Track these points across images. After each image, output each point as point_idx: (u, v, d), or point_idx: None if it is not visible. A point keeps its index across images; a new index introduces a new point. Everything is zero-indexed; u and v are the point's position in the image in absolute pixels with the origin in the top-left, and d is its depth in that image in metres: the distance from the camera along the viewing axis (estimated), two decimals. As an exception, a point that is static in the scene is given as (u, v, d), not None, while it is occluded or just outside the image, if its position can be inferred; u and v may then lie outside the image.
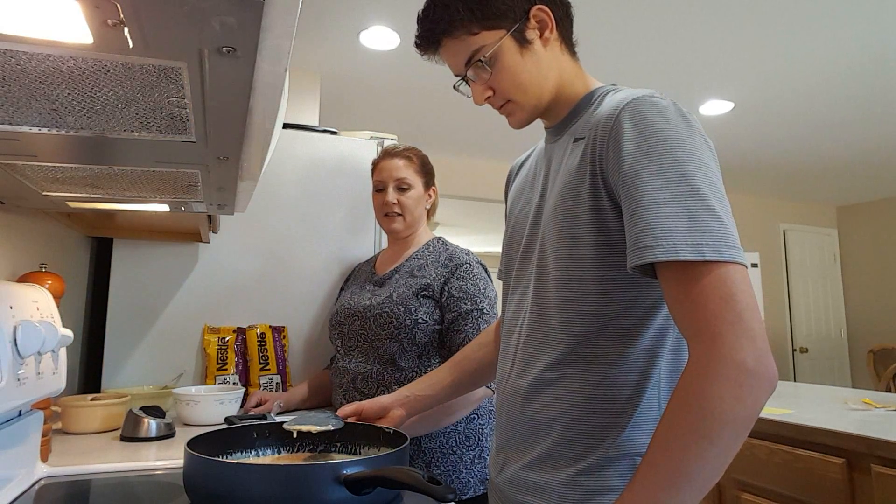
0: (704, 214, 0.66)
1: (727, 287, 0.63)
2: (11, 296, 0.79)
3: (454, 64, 0.88)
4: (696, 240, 0.65)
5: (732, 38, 2.76)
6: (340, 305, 1.56)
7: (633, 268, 0.69)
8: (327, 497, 0.69)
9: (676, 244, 0.65)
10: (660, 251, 0.65)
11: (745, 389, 0.61)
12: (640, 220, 0.68)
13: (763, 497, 1.76)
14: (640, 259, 0.67)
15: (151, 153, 0.73)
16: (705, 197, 0.67)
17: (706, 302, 0.63)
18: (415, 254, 1.52)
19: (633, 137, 0.72)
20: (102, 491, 0.88)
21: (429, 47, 0.90)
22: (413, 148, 1.58)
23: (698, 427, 0.62)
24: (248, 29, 0.42)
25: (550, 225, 0.83)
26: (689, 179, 0.68)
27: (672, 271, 0.66)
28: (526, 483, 0.81)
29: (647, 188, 0.68)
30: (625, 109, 0.74)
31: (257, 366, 1.70)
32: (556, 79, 0.88)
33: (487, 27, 0.84)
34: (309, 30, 2.71)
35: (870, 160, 4.73)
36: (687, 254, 0.64)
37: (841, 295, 6.27)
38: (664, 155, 0.69)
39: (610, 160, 0.74)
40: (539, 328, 0.83)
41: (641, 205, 0.68)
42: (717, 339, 0.62)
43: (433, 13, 0.87)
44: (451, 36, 0.86)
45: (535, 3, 0.85)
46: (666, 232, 0.66)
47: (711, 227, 0.65)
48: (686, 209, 0.66)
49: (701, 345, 0.64)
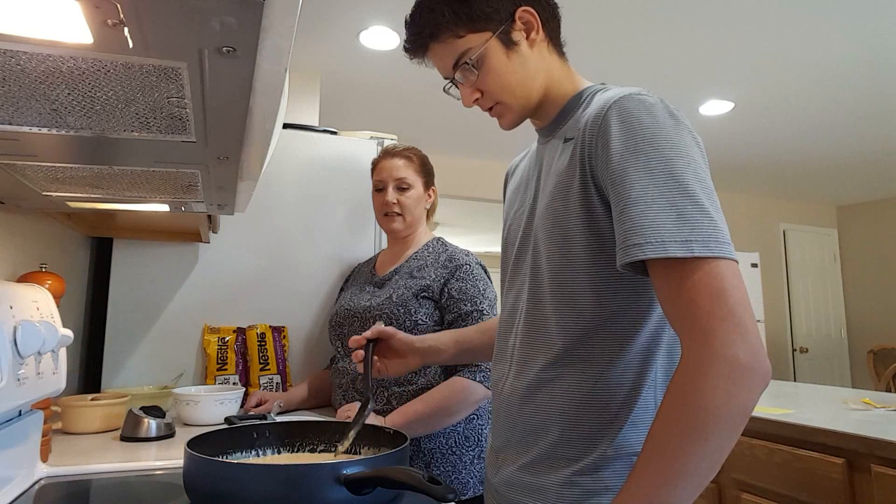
0: (693, 210, 0.66)
1: (718, 283, 0.63)
2: (11, 296, 0.79)
3: (442, 67, 0.89)
4: (685, 236, 0.65)
5: (732, 38, 2.76)
6: (340, 306, 1.56)
7: (623, 266, 0.69)
8: (327, 497, 0.69)
9: (665, 241, 0.65)
10: (648, 248, 0.65)
11: (739, 385, 0.61)
12: (628, 217, 0.68)
13: (763, 497, 1.76)
14: (630, 257, 0.67)
15: (151, 153, 0.73)
16: (694, 193, 0.67)
17: (697, 298, 0.63)
18: (414, 254, 1.52)
19: (620, 135, 0.72)
20: (102, 491, 0.88)
21: (417, 51, 0.90)
22: (413, 148, 1.57)
23: (693, 424, 0.62)
24: (248, 29, 0.42)
25: (542, 225, 0.83)
26: (677, 176, 0.68)
27: (662, 268, 0.66)
28: (523, 484, 0.80)
29: (635, 185, 0.68)
30: (612, 107, 0.74)
31: (257, 366, 1.70)
32: (544, 79, 0.88)
33: (473, 30, 0.84)
34: (309, 30, 2.71)
35: (870, 160, 4.73)
36: (676, 250, 0.64)
37: (841, 295, 6.27)
38: (651, 152, 0.69)
39: (599, 158, 0.74)
40: (534, 329, 0.83)
41: (630, 202, 0.68)
42: (709, 336, 0.62)
43: (419, 18, 0.87)
44: (437, 40, 0.86)
45: (521, 5, 0.85)
46: (654, 229, 0.66)
47: (700, 223, 0.65)
48: (674, 206, 0.66)
49: (693, 342, 0.63)
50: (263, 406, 1.52)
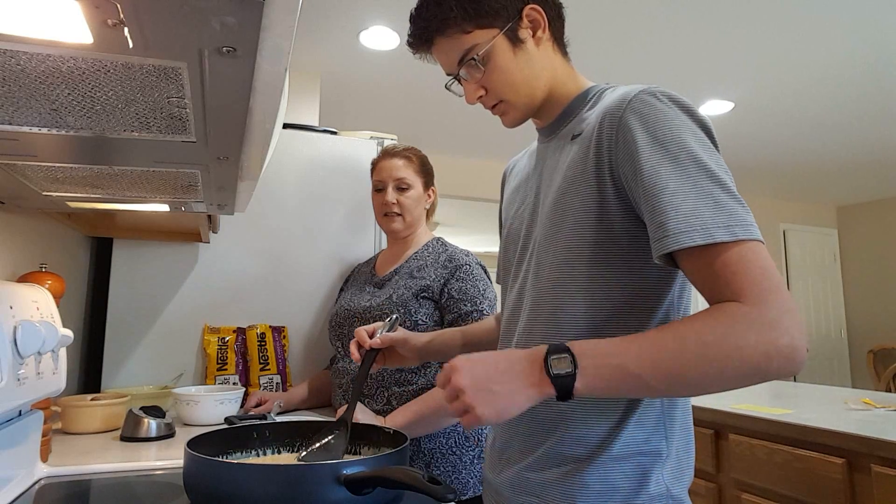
0: (725, 197, 0.67)
1: (763, 260, 0.65)
2: (11, 296, 0.79)
3: (446, 63, 0.89)
4: (725, 221, 0.66)
5: (732, 38, 2.76)
6: (340, 307, 1.56)
7: (662, 256, 0.69)
8: (327, 497, 0.69)
9: (709, 227, 0.65)
10: (696, 235, 0.66)
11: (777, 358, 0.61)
12: (667, 207, 0.68)
13: (763, 497, 1.76)
14: (676, 244, 0.66)
15: (151, 153, 0.73)
16: (723, 181, 0.68)
17: (746, 271, 0.64)
18: (414, 255, 1.52)
19: (644, 129, 0.72)
20: (102, 491, 0.88)
21: (421, 46, 0.90)
22: (413, 148, 1.57)
23: (721, 358, 0.61)
24: (248, 29, 0.42)
25: (548, 223, 0.82)
26: (704, 166, 0.69)
27: (703, 254, 0.66)
28: (528, 484, 0.80)
29: (669, 178, 0.69)
30: (633, 101, 0.74)
31: (257, 365, 1.70)
32: (549, 78, 0.88)
33: (480, 26, 0.84)
34: (309, 30, 2.71)
35: (870, 160, 4.73)
36: (721, 235, 0.65)
37: (841, 295, 6.27)
38: (678, 143, 0.70)
39: (620, 153, 0.74)
40: (539, 328, 0.83)
41: (667, 194, 0.68)
42: (761, 303, 0.62)
43: (426, 11, 0.87)
44: (443, 34, 0.86)
45: (528, 3, 0.85)
46: (696, 217, 0.66)
47: (735, 209, 0.67)
48: (709, 194, 0.67)
49: (745, 302, 0.63)
50: (263, 406, 1.51)
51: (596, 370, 0.63)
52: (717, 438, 1.94)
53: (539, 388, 0.64)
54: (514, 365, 0.66)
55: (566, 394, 0.64)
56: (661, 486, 0.75)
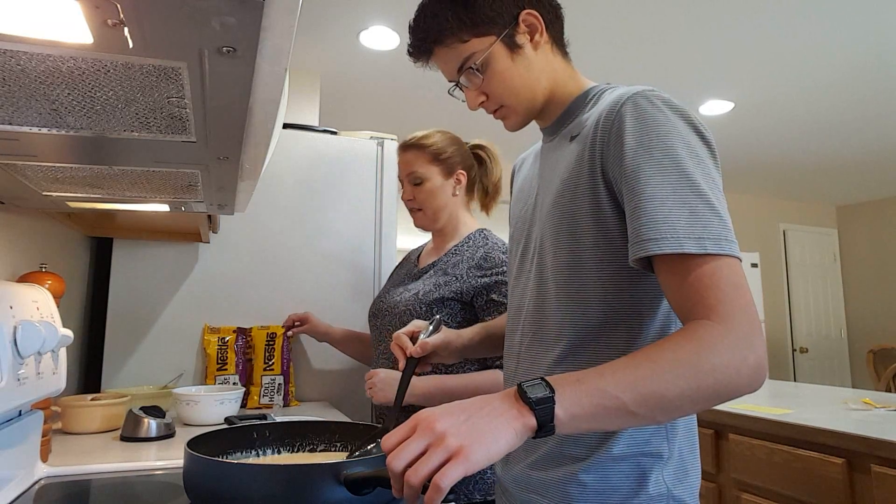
0: (704, 209, 0.67)
1: (734, 277, 0.65)
2: (11, 296, 0.79)
3: (447, 71, 0.89)
4: (699, 233, 0.66)
5: (732, 38, 2.76)
6: (378, 296, 1.54)
7: (635, 260, 0.69)
8: (327, 497, 0.69)
9: (680, 237, 0.66)
10: (664, 244, 0.66)
11: (746, 374, 0.61)
12: (642, 213, 0.68)
13: (763, 497, 1.76)
14: (644, 251, 0.67)
15: (151, 153, 0.73)
16: (704, 192, 0.68)
17: (718, 286, 0.64)
18: (454, 248, 1.45)
19: (634, 131, 0.72)
20: (102, 491, 0.88)
21: (421, 56, 0.91)
22: (430, 134, 1.50)
23: (698, 377, 0.60)
24: (248, 29, 0.42)
25: (548, 223, 0.83)
26: (688, 175, 0.69)
27: (675, 264, 0.67)
28: (531, 481, 0.81)
29: (648, 183, 0.69)
30: (627, 103, 0.74)
31: (261, 365, 1.70)
32: (549, 81, 0.88)
33: (477, 34, 0.84)
34: (309, 30, 2.71)
35: (870, 160, 4.73)
36: (690, 246, 0.65)
37: (841, 295, 6.27)
38: (664, 150, 0.70)
39: (611, 155, 0.74)
40: (540, 327, 0.83)
41: (644, 199, 0.69)
42: (729, 320, 0.62)
43: (423, 23, 0.87)
44: (441, 44, 0.86)
45: (524, 8, 0.85)
46: (670, 225, 0.66)
47: (712, 222, 0.67)
48: (686, 203, 0.67)
49: (714, 320, 0.63)
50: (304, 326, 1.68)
51: (574, 395, 0.60)
52: (717, 438, 1.94)
53: (521, 419, 0.59)
54: (490, 401, 0.61)
55: (548, 420, 0.59)
56: (662, 486, 0.75)
